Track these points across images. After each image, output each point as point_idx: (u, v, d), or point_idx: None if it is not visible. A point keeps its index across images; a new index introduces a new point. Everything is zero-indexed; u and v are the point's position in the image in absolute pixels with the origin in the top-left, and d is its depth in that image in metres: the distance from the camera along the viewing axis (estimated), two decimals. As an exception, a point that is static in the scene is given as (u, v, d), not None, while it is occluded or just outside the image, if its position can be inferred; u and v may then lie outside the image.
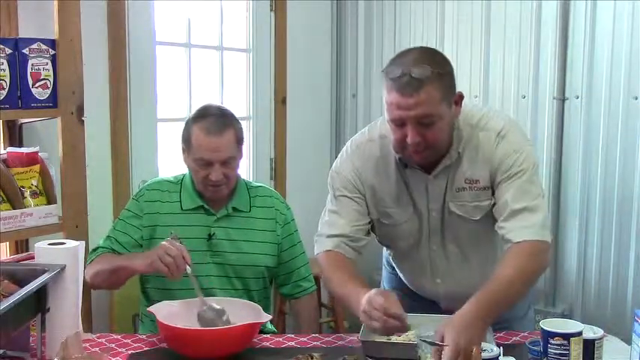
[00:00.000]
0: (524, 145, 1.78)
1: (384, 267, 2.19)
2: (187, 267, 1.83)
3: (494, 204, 1.77)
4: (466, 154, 1.77)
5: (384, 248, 2.12)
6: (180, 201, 2.08)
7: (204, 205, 2.07)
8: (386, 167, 1.84)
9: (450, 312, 1.75)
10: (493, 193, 1.78)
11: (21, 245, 2.44)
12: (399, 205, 1.85)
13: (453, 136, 1.76)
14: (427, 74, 1.60)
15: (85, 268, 1.93)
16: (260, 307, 1.84)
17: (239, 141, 2.05)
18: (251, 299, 2.01)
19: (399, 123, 1.66)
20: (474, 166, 1.77)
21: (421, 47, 1.79)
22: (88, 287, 2.11)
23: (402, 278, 2.05)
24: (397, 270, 2.06)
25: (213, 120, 2.00)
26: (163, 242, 1.86)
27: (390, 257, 2.06)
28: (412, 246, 1.90)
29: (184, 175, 2.13)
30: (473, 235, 1.85)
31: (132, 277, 2.01)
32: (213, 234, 2.05)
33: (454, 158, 1.76)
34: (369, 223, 1.89)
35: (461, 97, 1.72)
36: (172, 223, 2.03)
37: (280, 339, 1.87)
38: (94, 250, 2.07)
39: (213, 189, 2.02)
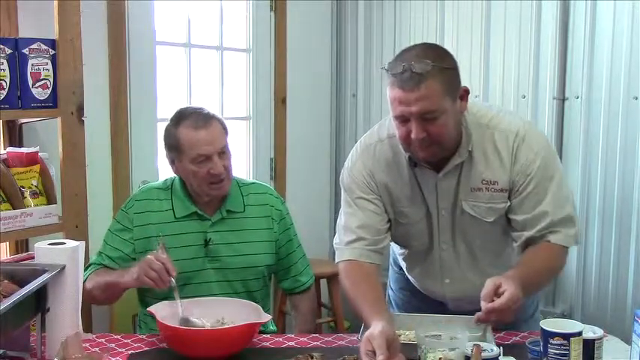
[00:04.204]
0: (547, 146, 1.79)
1: (390, 267, 2.19)
2: (171, 279, 1.82)
3: (509, 205, 1.77)
4: (480, 154, 1.76)
5: (391, 249, 2.11)
6: (173, 209, 2.06)
7: (197, 210, 2.04)
8: (398, 166, 1.83)
9: (457, 313, 1.76)
10: (509, 197, 1.77)
11: (21, 245, 2.44)
12: (413, 203, 1.84)
13: (462, 135, 1.74)
14: (428, 68, 1.60)
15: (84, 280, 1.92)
16: (260, 308, 1.83)
17: (225, 130, 2.04)
18: (253, 299, 2.01)
19: (402, 119, 1.65)
20: (491, 167, 1.76)
21: (423, 43, 1.78)
22: (87, 304, 2.10)
23: (410, 279, 2.04)
24: (406, 271, 2.05)
25: (195, 116, 2.00)
26: (148, 256, 1.85)
27: (401, 257, 2.04)
28: (424, 245, 1.90)
29: (173, 181, 2.10)
30: (483, 235, 1.84)
31: (125, 291, 2.00)
32: (210, 239, 2.03)
33: (464, 157, 1.75)
34: (388, 222, 1.87)
35: (466, 91, 1.71)
36: (166, 232, 1.99)
37: (280, 339, 1.87)
38: (87, 267, 2.04)
39: (217, 185, 1.99)
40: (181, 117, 2.01)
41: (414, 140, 1.66)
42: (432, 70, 1.60)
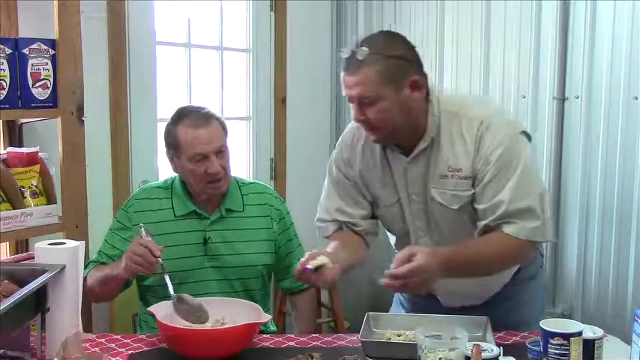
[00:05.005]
0: (513, 136, 1.76)
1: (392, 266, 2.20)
2: (159, 260, 1.81)
3: (473, 193, 1.77)
4: (446, 141, 1.77)
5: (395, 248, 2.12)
6: (173, 207, 2.06)
7: (196, 209, 2.05)
8: (371, 151, 1.89)
9: (451, 309, 1.77)
10: (473, 185, 1.78)
11: (21, 245, 2.44)
12: (384, 187, 1.89)
13: (428, 121, 1.77)
14: (365, 56, 1.67)
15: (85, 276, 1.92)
16: (260, 308, 1.83)
17: (225, 130, 2.04)
18: (252, 299, 2.01)
19: (349, 100, 1.74)
20: (456, 154, 1.77)
21: (381, 31, 1.86)
22: (87, 303, 2.10)
23: None
24: None
25: (195, 115, 2.01)
26: (130, 245, 1.85)
27: (395, 247, 2.06)
28: (402, 230, 1.93)
29: (174, 180, 2.11)
30: (453, 223, 1.84)
31: (121, 284, 2.00)
32: (209, 238, 2.04)
33: (427, 142, 1.78)
34: (369, 206, 1.95)
35: (416, 83, 1.72)
36: (166, 231, 2.00)
37: (280, 339, 1.87)
38: (86, 265, 2.04)
39: (214, 185, 2.00)
40: (181, 115, 2.02)
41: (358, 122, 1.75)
42: (369, 57, 1.66)
